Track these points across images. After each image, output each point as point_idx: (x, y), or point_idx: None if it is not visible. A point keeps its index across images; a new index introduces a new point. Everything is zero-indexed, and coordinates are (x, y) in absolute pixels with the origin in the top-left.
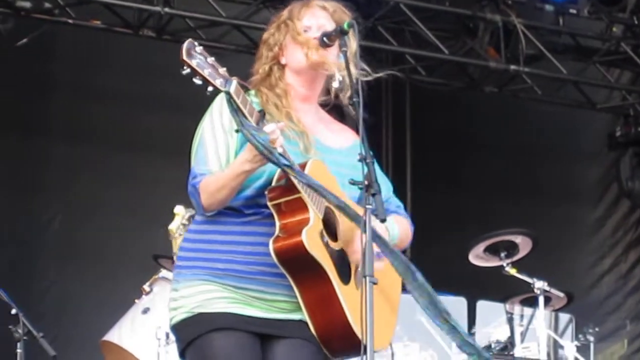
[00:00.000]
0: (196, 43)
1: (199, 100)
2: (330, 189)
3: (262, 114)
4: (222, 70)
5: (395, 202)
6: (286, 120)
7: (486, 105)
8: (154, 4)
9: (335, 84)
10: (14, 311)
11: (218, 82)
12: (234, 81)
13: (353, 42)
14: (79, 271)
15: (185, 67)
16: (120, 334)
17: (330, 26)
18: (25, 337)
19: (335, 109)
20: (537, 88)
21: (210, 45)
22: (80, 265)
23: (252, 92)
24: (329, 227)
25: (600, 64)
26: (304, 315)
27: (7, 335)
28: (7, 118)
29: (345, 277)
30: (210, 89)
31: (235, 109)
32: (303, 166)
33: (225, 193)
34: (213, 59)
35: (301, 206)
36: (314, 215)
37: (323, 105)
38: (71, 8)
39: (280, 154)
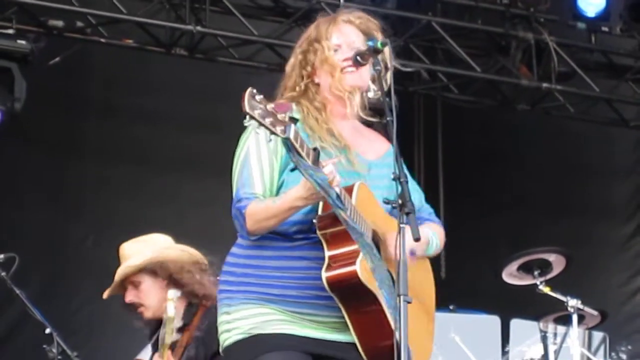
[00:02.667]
0: (255, 91)
1: (232, 118)
2: (372, 214)
3: (317, 152)
4: (281, 116)
5: (427, 210)
6: (327, 135)
7: (518, 123)
8: (186, 23)
9: (370, 94)
10: (48, 330)
11: (279, 130)
12: (292, 126)
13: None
14: None
15: (248, 118)
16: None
17: (359, 39)
18: (59, 357)
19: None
20: (569, 106)
21: (243, 64)
22: None
23: (293, 105)
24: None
25: (632, 81)
26: (352, 337)
27: (42, 355)
28: (39, 138)
29: (390, 296)
30: (271, 136)
31: (291, 151)
32: (350, 190)
33: (274, 222)
34: (272, 105)
35: (349, 236)
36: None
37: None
38: (103, 27)
39: (337, 195)
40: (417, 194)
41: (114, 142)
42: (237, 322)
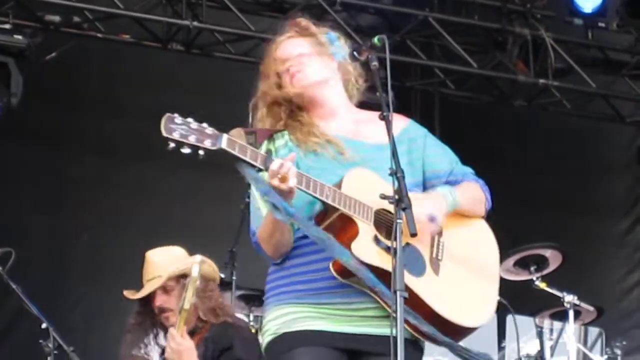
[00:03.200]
0: (175, 115)
1: (229, 114)
2: (375, 196)
3: (269, 153)
4: (210, 130)
5: (461, 172)
6: (310, 137)
7: (515, 119)
8: (183, 18)
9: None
10: (44, 325)
11: (208, 144)
12: (224, 136)
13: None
14: (109, 285)
15: (170, 143)
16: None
17: (307, 45)
18: (55, 352)
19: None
20: (566, 102)
21: (239, 60)
22: (110, 279)
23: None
24: (386, 227)
25: (629, 77)
26: (387, 330)
27: (38, 350)
28: (36, 133)
29: (417, 270)
30: (201, 152)
31: (237, 160)
32: (338, 187)
33: (278, 235)
34: (197, 123)
35: (347, 221)
36: (362, 224)
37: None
38: (100, 22)
39: (273, 206)
40: (445, 158)
41: (111, 137)
42: (268, 324)
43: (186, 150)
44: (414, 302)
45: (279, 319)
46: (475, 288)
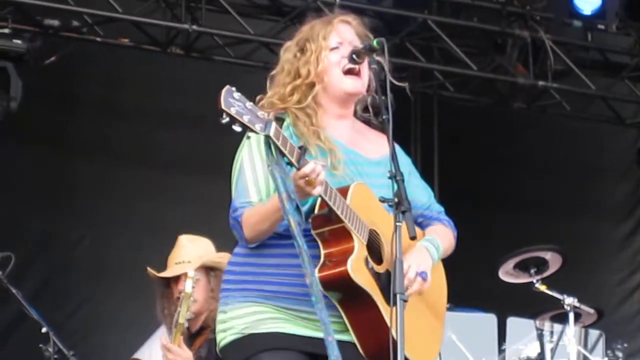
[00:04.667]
0: (234, 89)
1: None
2: (370, 215)
3: (304, 150)
4: (261, 114)
5: (436, 209)
6: (314, 138)
7: (514, 121)
8: (182, 22)
9: (374, 67)
10: (44, 330)
11: (258, 127)
12: (273, 123)
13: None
14: (109, 289)
15: (224, 116)
16: (151, 353)
17: (356, 40)
18: (55, 356)
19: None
20: (565, 104)
21: (239, 63)
22: (110, 283)
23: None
24: (373, 249)
25: (628, 79)
26: (351, 336)
27: (38, 354)
28: (35, 137)
29: (389, 298)
30: (238, 128)
31: (273, 150)
32: (345, 191)
33: (268, 225)
34: (251, 103)
35: (345, 234)
36: (358, 243)
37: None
38: (99, 26)
39: (296, 208)
40: (425, 192)
41: (110, 141)
42: (232, 321)
43: (237, 128)
44: (380, 328)
45: (245, 317)
46: (430, 327)
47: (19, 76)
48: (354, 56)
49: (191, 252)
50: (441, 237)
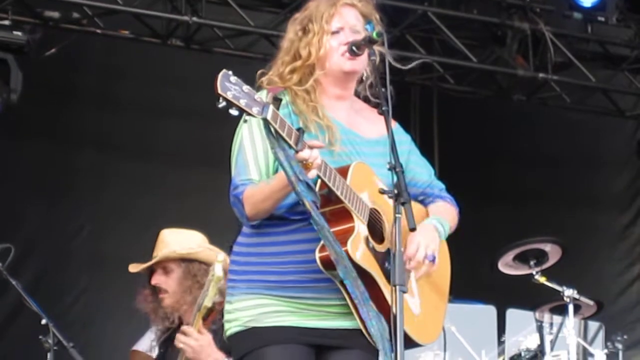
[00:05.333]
0: (230, 72)
1: (227, 110)
2: (371, 194)
3: (302, 132)
4: (258, 97)
5: (438, 186)
6: (312, 115)
7: (515, 113)
8: (182, 14)
9: (373, 58)
10: (44, 321)
11: (255, 111)
12: (271, 107)
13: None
14: (108, 281)
15: (221, 100)
16: (151, 344)
17: (359, 23)
18: (55, 347)
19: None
20: (565, 96)
21: (239, 55)
22: (109, 274)
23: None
24: (374, 228)
25: (628, 71)
26: (356, 322)
27: (38, 346)
28: (36, 128)
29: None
30: (235, 112)
31: (272, 133)
32: (345, 170)
33: (271, 203)
34: (248, 86)
35: (346, 215)
36: (359, 223)
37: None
38: (100, 18)
39: (307, 186)
40: (425, 169)
41: (110, 133)
42: (237, 312)
43: (234, 112)
44: (381, 307)
45: (250, 310)
46: (433, 306)
47: (19, 68)
48: (353, 48)
49: (168, 244)
50: (446, 215)
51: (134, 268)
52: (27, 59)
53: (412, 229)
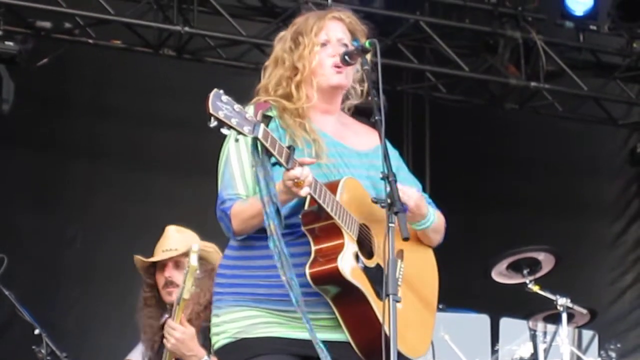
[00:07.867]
0: (221, 92)
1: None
2: (361, 209)
3: (292, 150)
4: (249, 116)
5: (426, 200)
6: (300, 130)
7: (507, 122)
8: (174, 24)
9: (366, 68)
10: (37, 331)
11: (246, 130)
12: (262, 125)
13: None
14: (102, 290)
15: (212, 120)
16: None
17: (346, 37)
18: (48, 357)
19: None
20: (557, 104)
21: (231, 65)
22: (103, 284)
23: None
24: (363, 244)
25: (620, 79)
26: (345, 335)
27: (31, 356)
28: (27, 139)
29: (380, 293)
30: (226, 131)
31: (259, 150)
32: (335, 186)
33: (259, 220)
34: (239, 105)
35: (335, 231)
36: (348, 239)
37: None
38: (91, 28)
39: (277, 211)
40: (413, 185)
41: (102, 143)
42: (225, 325)
43: (225, 131)
44: (371, 324)
45: (238, 322)
46: (422, 320)
47: (11, 78)
48: (346, 57)
49: (179, 240)
50: (437, 214)
51: (144, 259)
52: (19, 69)
53: (405, 239)
